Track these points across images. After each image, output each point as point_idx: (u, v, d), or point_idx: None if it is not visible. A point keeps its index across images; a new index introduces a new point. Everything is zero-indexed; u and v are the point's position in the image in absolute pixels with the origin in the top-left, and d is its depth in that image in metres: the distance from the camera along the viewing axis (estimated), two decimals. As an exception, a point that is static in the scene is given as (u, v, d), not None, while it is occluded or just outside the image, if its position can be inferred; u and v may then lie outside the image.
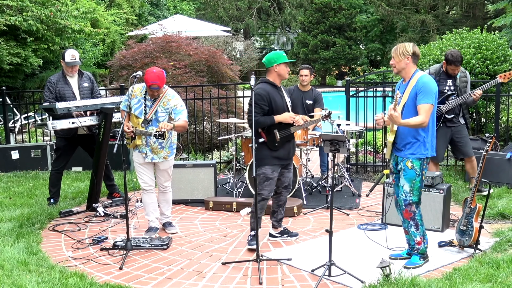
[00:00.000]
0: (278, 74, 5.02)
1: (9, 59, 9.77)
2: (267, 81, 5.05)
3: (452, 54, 6.16)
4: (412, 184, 4.41)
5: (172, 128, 5.13)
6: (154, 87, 5.13)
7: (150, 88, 5.16)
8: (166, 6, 23.01)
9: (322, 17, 23.36)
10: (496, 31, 12.04)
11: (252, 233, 5.02)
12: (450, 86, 6.27)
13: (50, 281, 4.24)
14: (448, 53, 6.21)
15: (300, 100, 7.37)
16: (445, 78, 6.27)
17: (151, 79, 5.10)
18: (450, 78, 6.27)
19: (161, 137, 5.08)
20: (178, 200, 6.53)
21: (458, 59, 6.13)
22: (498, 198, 6.24)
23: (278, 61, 4.98)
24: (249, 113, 4.92)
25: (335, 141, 4.59)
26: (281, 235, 5.32)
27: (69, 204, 6.57)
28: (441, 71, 6.32)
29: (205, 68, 10.10)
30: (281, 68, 5.00)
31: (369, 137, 9.01)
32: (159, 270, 4.62)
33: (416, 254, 4.53)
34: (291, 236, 5.33)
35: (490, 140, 4.77)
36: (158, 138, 5.10)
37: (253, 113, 4.81)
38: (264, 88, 4.98)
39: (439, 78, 6.25)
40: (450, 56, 6.16)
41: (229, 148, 8.90)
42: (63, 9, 10.40)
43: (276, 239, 5.31)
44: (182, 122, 5.24)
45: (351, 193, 6.88)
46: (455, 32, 9.05)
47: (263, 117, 4.93)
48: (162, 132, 5.05)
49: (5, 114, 9.21)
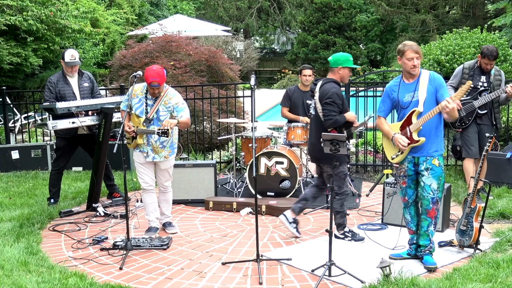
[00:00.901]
0: (340, 77, 5.12)
1: (9, 59, 9.77)
2: (335, 81, 5.13)
3: (488, 48, 6.16)
4: (439, 181, 4.46)
5: (176, 124, 5.14)
6: (154, 84, 5.13)
7: (150, 85, 5.16)
8: (166, 5, 22.99)
9: (322, 16, 23.35)
10: (496, 30, 12.04)
11: (347, 229, 5.21)
12: (484, 82, 6.22)
13: (50, 281, 4.24)
14: (484, 47, 6.21)
15: (301, 100, 7.37)
16: (479, 74, 6.24)
17: (151, 77, 5.11)
18: (484, 74, 6.23)
19: (164, 135, 5.08)
20: (178, 200, 6.53)
21: (493, 53, 6.09)
22: (498, 198, 6.24)
23: (344, 64, 5.08)
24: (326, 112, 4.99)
25: (335, 141, 4.59)
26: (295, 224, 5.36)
27: (69, 204, 6.57)
28: (475, 66, 6.28)
29: (205, 68, 10.09)
30: (345, 71, 5.11)
31: (369, 137, 9.01)
32: (159, 270, 4.62)
33: (429, 254, 4.54)
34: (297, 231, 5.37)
35: (490, 140, 4.77)
36: (161, 135, 5.10)
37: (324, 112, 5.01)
38: (337, 87, 5.10)
39: (473, 73, 6.23)
40: (486, 50, 6.14)
41: (229, 148, 8.90)
42: (63, 9, 10.40)
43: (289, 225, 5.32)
44: (185, 119, 5.27)
45: (351, 193, 6.88)
46: (455, 32, 9.06)
47: (339, 116, 5.03)
48: (166, 129, 5.06)
49: (5, 114, 9.21)
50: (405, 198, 4.64)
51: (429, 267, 4.43)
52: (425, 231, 4.54)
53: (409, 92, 4.44)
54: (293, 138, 6.84)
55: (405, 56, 4.40)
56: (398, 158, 4.54)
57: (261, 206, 6.15)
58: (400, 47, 4.46)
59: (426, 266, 4.46)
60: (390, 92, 4.55)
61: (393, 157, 4.57)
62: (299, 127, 6.86)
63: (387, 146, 4.66)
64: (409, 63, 4.39)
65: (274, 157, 6.61)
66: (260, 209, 6.13)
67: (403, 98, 4.47)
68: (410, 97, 4.42)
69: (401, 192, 4.68)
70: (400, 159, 4.53)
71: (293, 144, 6.90)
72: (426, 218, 4.52)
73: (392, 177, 5.75)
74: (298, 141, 6.84)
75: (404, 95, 4.46)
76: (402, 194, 4.67)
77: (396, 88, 4.52)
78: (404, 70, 4.47)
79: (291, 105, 7.40)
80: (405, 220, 4.68)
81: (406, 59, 4.40)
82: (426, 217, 4.52)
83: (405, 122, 4.47)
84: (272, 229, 5.64)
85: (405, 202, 4.65)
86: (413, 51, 4.37)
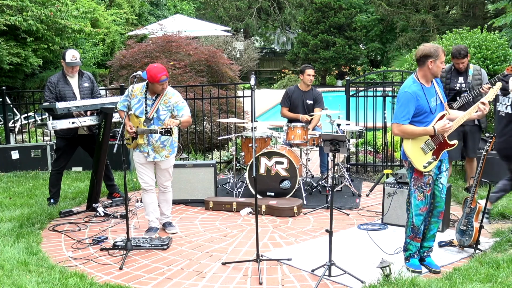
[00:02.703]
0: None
1: (9, 59, 9.77)
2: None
3: (455, 48, 6.21)
4: None
5: (178, 124, 5.14)
6: (163, 79, 5.14)
7: (160, 81, 5.14)
8: (166, 5, 22.99)
9: (322, 16, 23.36)
10: (496, 30, 12.04)
11: None
12: (462, 83, 6.21)
13: (50, 281, 4.24)
14: (453, 47, 6.23)
15: (301, 100, 7.38)
16: (456, 75, 6.25)
17: (158, 73, 5.11)
18: (461, 75, 6.24)
19: (167, 134, 5.08)
20: (178, 200, 6.52)
21: (460, 51, 6.11)
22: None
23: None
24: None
25: (335, 141, 4.59)
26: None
27: (69, 204, 6.57)
28: (452, 69, 6.31)
29: (205, 68, 10.09)
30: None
31: (369, 137, 9.01)
32: (159, 270, 4.62)
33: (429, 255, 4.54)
34: None
35: (490, 140, 4.77)
36: (164, 134, 5.10)
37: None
38: None
39: (450, 75, 6.23)
40: (453, 49, 6.20)
41: (229, 148, 8.90)
42: (63, 9, 10.40)
43: None
44: (187, 118, 5.28)
45: (351, 193, 6.88)
46: (455, 32, 9.05)
47: None
48: (169, 128, 5.05)
49: (5, 114, 9.21)
50: (426, 207, 4.34)
51: (434, 271, 4.38)
52: (433, 234, 4.48)
53: (432, 96, 4.26)
54: (293, 138, 6.84)
55: (439, 60, 4.15)
56: (432, 166, 4.26)
57: (261, 206, 6.15)
58: (432, 50, 4.15)
59: (432, 269, 4.40)
60: (416, 98, 4.18)
61: (426, 165, 4.24)
62: (299, 127, 6.86)
63: (416, 156, 4.25)
64: (442, 66, 4.19)
65: (274, 157, 6.61)
66: (260, 209, 6.13)
67: (431, 104, 4.23)
68: (435, 101, 4.27)
69: (422, 202, 4.31)
70: (433, 166, 4.27)
71: (293, 144, 6.90)
72: (437, 221, 4.45)
73: (392, 177, 5.75)
74: (298, 141, 6.83)
75: (431, 100, 4.25)
76: (423, 204, 4.31)
77: (422, 94, 4.21)
78: (432, 73, 4.21)
79: (290, 105, 7.41)
80: (417, 230, 4.37)
81: (440, 63, 4.16)
82: (437, 220, 4.44)
83: None
84: (272, 229, 5.64)
85: (424, 212, 4.34)
86: (444, 53, 4.20)
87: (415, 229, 4.38)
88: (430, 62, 4.17)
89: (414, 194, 4.33)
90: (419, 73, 4.26)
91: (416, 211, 4.34)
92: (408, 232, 4.43)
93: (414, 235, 4.40)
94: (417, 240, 4.42)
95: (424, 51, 4.17)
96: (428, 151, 4.26)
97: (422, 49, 4.19)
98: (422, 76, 4.25)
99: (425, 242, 4.51)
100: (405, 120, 4.21)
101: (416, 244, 4.43)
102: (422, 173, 4.27)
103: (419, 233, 4.39)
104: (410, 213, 4.40)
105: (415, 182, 4.32)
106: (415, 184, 4.32)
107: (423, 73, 4.24)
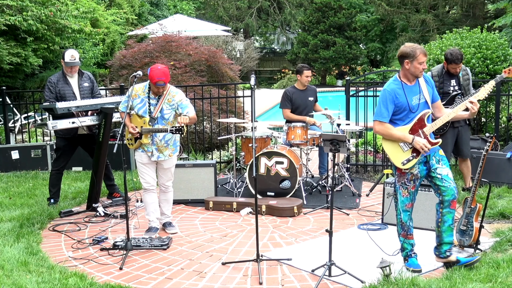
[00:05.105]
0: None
1: (9, 59, 9.77)
2: None
3: (451, 53, 6.13)
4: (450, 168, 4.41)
5: (187, 121, 5.13)
6: (160, 83, 5.12)
7: (156, 85, 5.14)
8: (166, 5, 23.00)
9: (322, 16, 23.37)
10: (496, 30, 12.04)
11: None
12: (455, 86, 6.21)
13: (50, 281, 4.24)
14: (447, 52, 6.18)
15: (303, 99, 7.37)
16: (448, 78, 6.23)
17: (157, 76, 5.10)
18: (453, 78, 6.23)
19: (178, 132, 5.06)
20: (178, 200, 6.52)
21: (458, 57, 6.08)
22: (498, 198, 6.24)
23: None
24: None
25: (335, 141, 4.59)
26: None
27: (69, 204, 6.57)
28: (443, 71, 6.26)
29: (205, 67, 10.09)
30: None
31: (369, 136, 9.01)
32: (159, 270, 4.62)
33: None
34: None
35: (490, 140, 4.77)
36: (176, 133, 5.08)
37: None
38: None
39: (443, 79, 6.21)
40: (449, 55, 6.13)
41: (229, 148, 8.90)
42: (63, 9, 10.39)
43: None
44: (193, 115, 5.29)
45: (351, 193, 6.88)
46: (455, 32, 9.05)
47: None
48: (181, 126, 5.04)
49: (5, 114, 9.21)
50: (411, 203, 4.40)
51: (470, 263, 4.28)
52: (449, 225, 4.33)
53: (415, 94, 4.30)
54: (293, 138, 6.84)
55: (417, 60, 4.20)
56: (411, 163, 4.28)
57: (261, 206, 6.15)
58: (409, 51, 4.22)
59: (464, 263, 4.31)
60: (395, 97, 4.26)
61: (404, 162, 4.28)
62: (299, 127, 6.86)
63: (393, 152, 4.33)
64: (420, 67, 4.23)
65: (274, 157, 6.61)
66: (260, 209, 6.13)
67: (412, 102, 4.27)
68: (417, 99, 4.30)
69: (407, 199, 4.37)
70: (412, 164, 4.29)
71: (293, 144, 6.90)
72: (450, 211, 4.31)
73: (392, 177, 5.74)
74: (298, 141, 6.83)
75: (412, 98, 4.28)
76: (409, 200, 4.38)
77: (402, 92, 4.28)
78: (411, 74, 4.27)
79: (292, 106, 7.38)
80: (407, 227, 4.41)
81: (418, 63, 4.21)
82: (450, 210, 4.30)
83: (416, 125, 4.29)
84: (272, 229, 5.64)
85: (410, 208, 4.41)
86: (424, 54, 4.23)
87: (404, 226, 4.45)
88: (407, 62, 4.28)
89: (399, 190, 4.44)
90: (401, 72, 4.39)
91: (403, 207, 4.43)
92: (399, 229, 4.49)
93: (405, 232, 4.46)
94: (410, 237, 4.46)
95: (401, 51, 4.31)
96: (406, 148, 4.33)
97: (400, 49, 4.34)
98: (403, 75, 4.37)
99: (445, 237, 4.36)
100: (384, 118, 4.32)
101: (410, 242, 4.47)
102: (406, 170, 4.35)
103: (409, 230, 4.46)
104: (397, 209, 4.48)
105: (399, 179, 4.42)
106: (399, 181, 4.42)
107: (403, 72, 4.36)
